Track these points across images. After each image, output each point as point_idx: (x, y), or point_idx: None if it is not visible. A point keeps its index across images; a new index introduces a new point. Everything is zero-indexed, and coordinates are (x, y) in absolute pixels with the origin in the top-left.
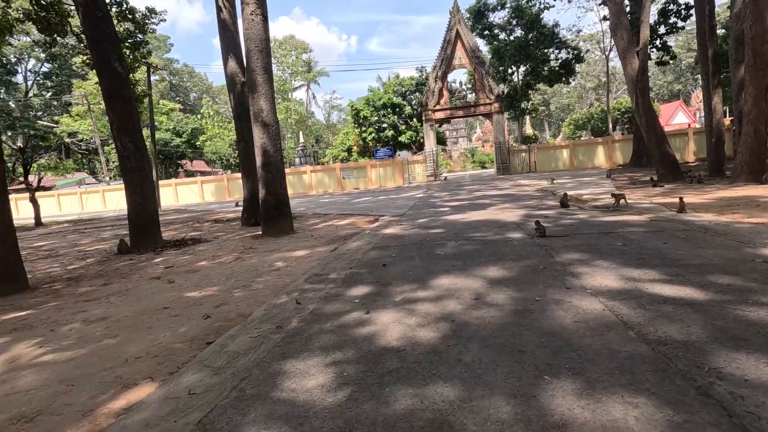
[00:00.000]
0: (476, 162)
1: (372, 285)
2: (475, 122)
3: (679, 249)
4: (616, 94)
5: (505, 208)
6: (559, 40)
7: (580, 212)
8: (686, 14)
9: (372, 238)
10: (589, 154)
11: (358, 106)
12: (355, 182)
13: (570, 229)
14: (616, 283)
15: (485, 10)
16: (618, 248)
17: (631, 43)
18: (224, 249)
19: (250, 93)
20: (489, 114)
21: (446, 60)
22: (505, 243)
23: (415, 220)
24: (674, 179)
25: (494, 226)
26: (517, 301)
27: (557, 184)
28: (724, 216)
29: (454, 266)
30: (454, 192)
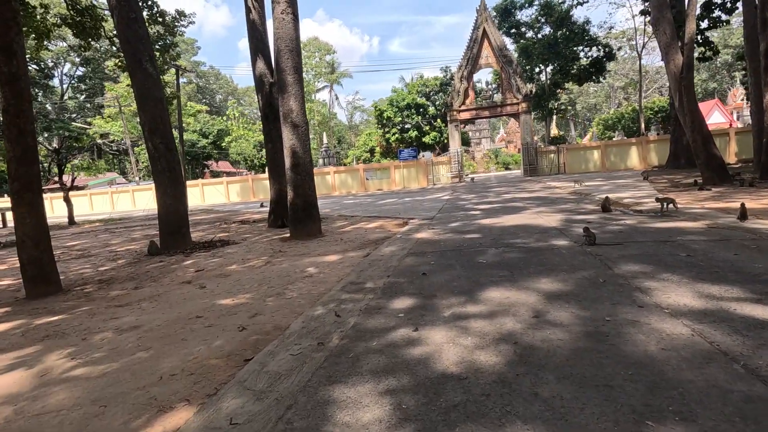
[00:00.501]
0: (500, 163)
1: (414, 297)
2: (498, 123)
3: (756, 262)
4: (646, 93)
5: (541, 212)
6: (590, 37)
7: (625, 217)
8: (732, 7)
9: (405, 243)
10: (621, 155)
11: (382, 107)
12: (378, 183)
13: (620, 236)
14: (695, 301)
15: (512, 8)
16: (683, 259)
17: (674, 38)
18: (253, 252)
19: (280, 93)
20: (516, 114)
21: (472, 59)
22: (552, 251)
23: (447, 224)
24: (721, 182)
25: (534, 231)
26: (584, 321)
27: (585, 187)
28: None
29: (502, 277)
30: (482, 194)
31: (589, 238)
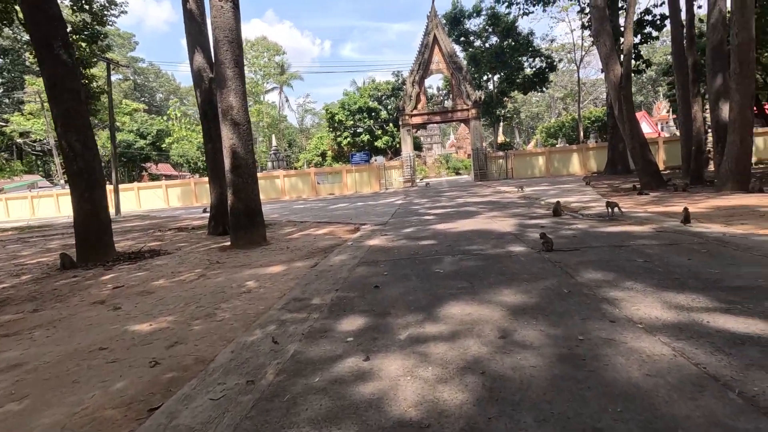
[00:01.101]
0: (450, 168)
1: (366, 315)
2: (449, 129)
3: (710, 267)
4: (583, 104)
5: (494, 216)
6: (534, 48)
7: (576, 222)
8: (661, 24)
9: (356, 251)
10: (564, 161)
11: (333, 110)
12: (330, 187)
13: (575, 241)
14: (666, 313)
15: (461, 16)
16: (641, 266)
17: (613, 50)
18: (186, 263)
19: (219, 88)
20: (466, 120)
21: (424, 64)
22: (510, 258)
23: (401, 229)
24: (657, 187)
25: (490, 237)
26: (556, 341)
27: (533, 191)
28: (733, 227)
29: (461, 289)
30: (435, 199)
31: (546, 243)
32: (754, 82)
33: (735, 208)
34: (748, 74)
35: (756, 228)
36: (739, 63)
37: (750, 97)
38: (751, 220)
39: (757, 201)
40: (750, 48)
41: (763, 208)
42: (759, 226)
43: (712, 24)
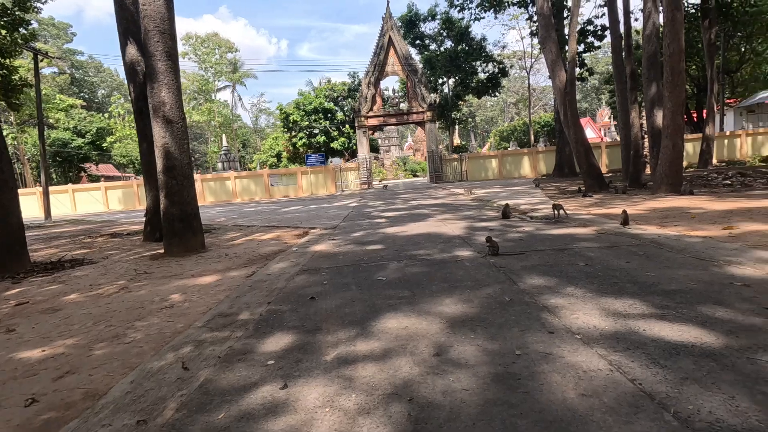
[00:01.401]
0: (408, 170)
1: (295, 332)
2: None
3: (647, 270)
4: (534, 109)
5: (446, 219)
6: (486, 54)
7: (523, 224)
8: (602, 35)
9: (300, 257)
10: (516, 163)
11: (288, 110)
12: (284, 190)
13: (521, 244)
14: (603, 321)
15: (416, 20)
16: (582, 270)
17: (559, 56)
18: (111, 274)
19: (149, 82)
20: (422, 122)
21: (379, 66)
22: (456, 264)
23: (350, 233)
24: (600, 189)
25: (438, 241)
26: (493, 358)
27: (486, 193)
28: (668, 229)
29: (402, 299)
30: (390, 201)
31: (492, 248)
32: (684, 91)
33: (669, 210)
34: (678, 83)
35: (688, 229)
36: (671, 72)
37: (681, 104)
38: (684, 222)
39: (688, 203)
40: (680, 59)
41: (693, 210)
42: (690, 227)
43: (647, 35)
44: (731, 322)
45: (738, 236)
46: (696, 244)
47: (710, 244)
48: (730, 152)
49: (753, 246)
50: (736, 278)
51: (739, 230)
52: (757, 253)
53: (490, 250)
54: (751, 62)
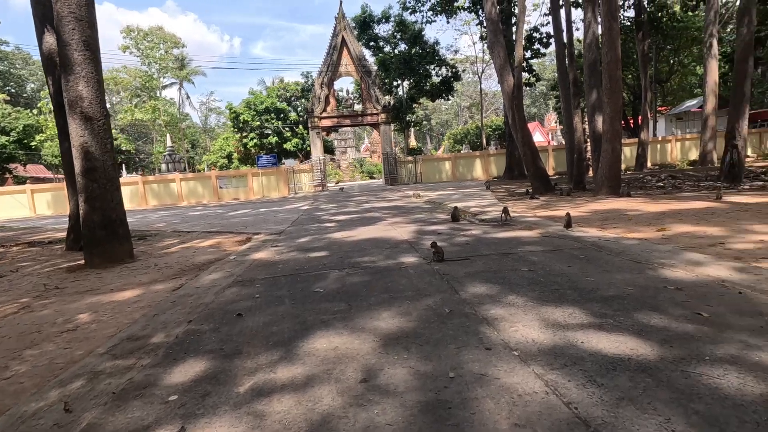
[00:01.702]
0: (365, 172)
1: (211, 357)
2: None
3: (587, 274)
4: (487, 113)
5: (396, 222)
6: (440, 57)
7: (471, 227)
8: (547, 42)
9: (236, 266)
10: (468, 166)
11: (238, 110)
12: (234, 192)
13: (467, 249)
14: (542, 334)
15: (370, 21)
16: (525, 276)
17: (506, 61)
18: (15, 290)
19: (64, 75)
20: (376, 124)
21: (332, 66)
22: (399, 272)
23: (296, 239)
24: (546, 191)
25: (385, 246)
26: (425, 382)
27: (437, 196)
28: (607, 231)
29: (337, 313)
30: (343, 204)
31: (437, 254)
32: (621, 97)
33: (608, 211)
34: (616, 90)
35: (625, 231)
36: (609, 79)
37: (619, 110)
38: (622, 224)
39: (626, 205)
40: (617, 66)
41: (630, 212)
42: (628, 229)
43: (588, 44)
44: (666, 330)
45: (670, 238)
46: (633, 247)
47: (646, 246)
48: (662, 156)
49: (684, 247)
50: (669, 281)
51: (671, 232)
52: (688, 254)
53: (435, 256)
54: (679, 73)
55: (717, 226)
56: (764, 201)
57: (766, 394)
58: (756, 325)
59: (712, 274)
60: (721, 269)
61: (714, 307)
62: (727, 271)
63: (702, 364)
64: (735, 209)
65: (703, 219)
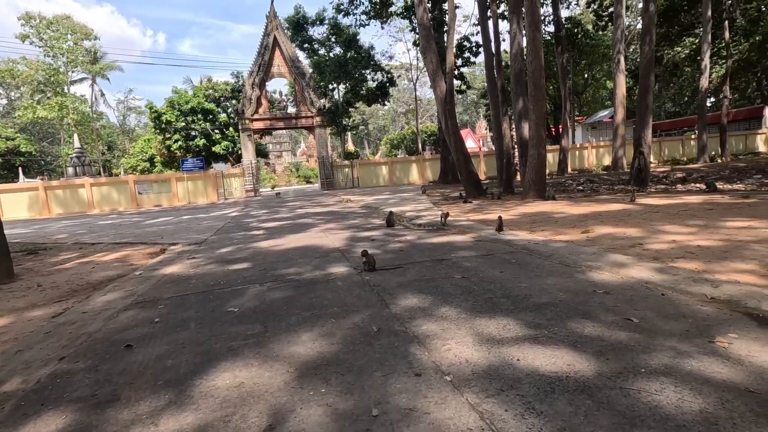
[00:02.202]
0: (301, 176)
1: (76, 408)
2: (300, 136)
3: (520, 280)
4: (422, 119)
5: (329, 229)
6: (375, 63)
7: (406, 232)
8: (477, 51)
9: (140, 284)
10: (405, 170)
11: (161, 109)
12: (156, 198)
13: (401, 256)
14: (477, 352)
15: (304, 23)
16: (459, 283)
17: (439, 67)
18: None
19: None
20: (311, 127)
21: (264, 66)
22: (326, 284)
23: (217, 249)
24: (478, 195)
25: (315, 255)
26: (343, 425)
27: (373, 201)
28: (536, 234)
29: (249, 338)
30: (275, 209)
31: (367, 263)
32: (545, 105)
33: (536, 214)
34: (540, 98)
35: (553, 234)
36: (534, 87)
37: (543, 117)
38: (549, 226)
39: (551, 207)
40: (541, 75)
41: (556, 215)
42: (555, 231)
43: (514, 54)
44: (600, 339)
45: (594, 239)
46: (561, 249)
47: (573, 249)
48: (580, 162)
49: (607, 249)
50: (597, 285)
51: (594, 233)
52: (612, 256)
53: (365, 265)
54: (592, 86)
55: (634, 227)
56: (671, 203)
57: (705, 410)
58: (681, 329)
59: (635, 276)
60: (643, 270)
61: (641, 311)
62: (649, 272)
63: (639, 378)
64: (647, 211)
65: (621, 220)
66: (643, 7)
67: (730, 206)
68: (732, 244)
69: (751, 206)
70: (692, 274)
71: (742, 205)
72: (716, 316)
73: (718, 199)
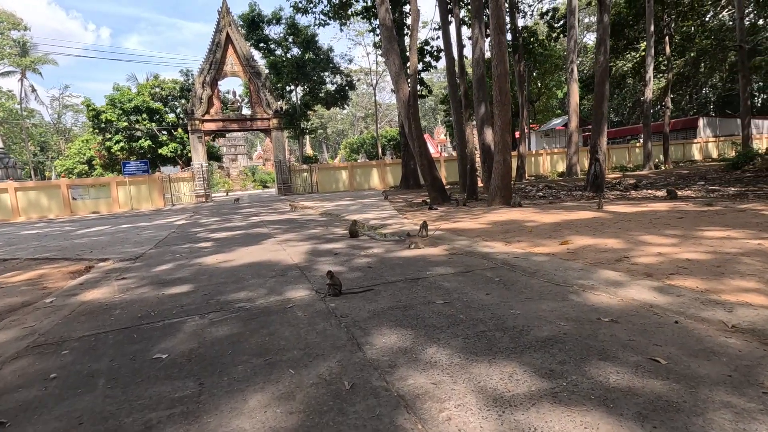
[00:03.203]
0: (257, 181)
1: None
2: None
3: (510, 305)
4: (381, 124)
5: (287, 240)
6: (334, 65)
7: (372, 244)
8: (438, 55)
9: (47, 316)
10: (366, 175)
11: (100, 107)
12: (93, 204)
13: (369, 274)
14: (485, 421)
15: (260, 21)
16: (441, 311)
17: (402, 69)
18: None
19: None
20: (268, 130)
21: (216, 64)
22: (284, 315)
23: (155, 266)
24: (443, 202)
25: (270, 274)
26: None
27: (334, 207)
28: (513, 245)
29: (176, 405)
30: (227, 217)
31: (333, 286)
32: (510, 110)
33: (507, 223)
34: (506, 102)
35: (530, 245)
36: (499, 92)
37: (508, 122)
38: (524, 237)
39: (520, 215)
40: (506, 80)
41: (528, 223)
42: (532, 243)
43: (476, 59)
44: (633, 394)
45: (576, 252)
46: (544, 264)
47: (557, 264)
48: (536, 168)
49: (593, 263)
50: (599, 311)
51: (574, 245)
52: (602, 272)
53: (330, 289)
54: (545, 95)
55: (613, 238)
56: (638, 210)
57: None
58: (721, 373)
59: (637, 298)
60: (643, 291)
61: (663, 347)
62: (649, 292)
63: None
64: (619, 219)
65: (596, 230)
66: (598, 17)
67: (698, 214)
68: (721, 257)
69: (719, 214)
70: (697, 295)
71: (710, 213)
72: (750, 353)
73: (683, 207)
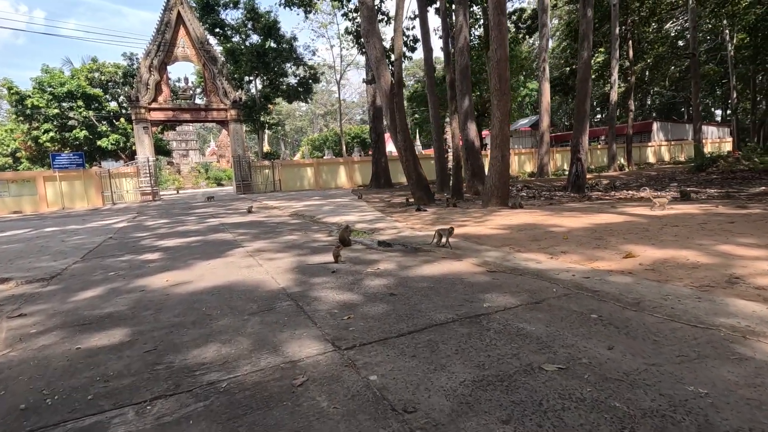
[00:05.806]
0: (211, 178)
1: None
2: (209, 135)
3: (673, 375)
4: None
5: (260, 251)
6: (297, 56)
7: (374, 254)
8: (414, 46)
9: None
10: (332, 173)
11: (25, 92)
12: (14, 203)
13: (400, 308)
14: None
15: (215, 4)
16: (568, 392)
17: (384, 54)
18: None
19: None
20: (225, 121)
21: (165, 46)
22: (294, 409)
23: (75, 292)
24: (429, 202)
25: (249, 308)
26: None
27: (305, 208)
28: (562, 259)
29: None
30: (179, 218)
31: None
32: (510, 100)
33: (525, 228)
34: (505, 91)
35: (585, 260)
36: (498, 79)
37: (507, 113)
38: (565, 246)
39: (532, 218)
40: (506, 66)
41: (553, 228)
42: (583, 255)
43: (460, 48)
44: None
45: (656, 269)
46: (638, 290)
47: (654, 289)
48: None
49: (702, 288)
50: None
51: (642, 257)
52: (736, 304)
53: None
54: (512, 95)
55: (682, 249)
56: (671, 213)
57: None
58: None
59: None
60: None
61: None
62: None
63: None
64: (661, 224)
65: (648, 237)
66: (581, 12)
67: (745, 218)
68: None
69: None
70: None
71: (757, 216)
72: None
73: (715, 209)
